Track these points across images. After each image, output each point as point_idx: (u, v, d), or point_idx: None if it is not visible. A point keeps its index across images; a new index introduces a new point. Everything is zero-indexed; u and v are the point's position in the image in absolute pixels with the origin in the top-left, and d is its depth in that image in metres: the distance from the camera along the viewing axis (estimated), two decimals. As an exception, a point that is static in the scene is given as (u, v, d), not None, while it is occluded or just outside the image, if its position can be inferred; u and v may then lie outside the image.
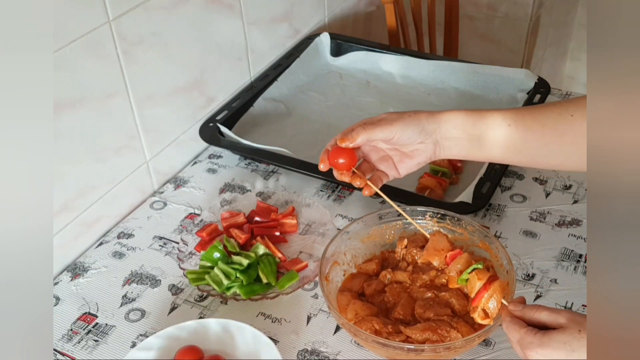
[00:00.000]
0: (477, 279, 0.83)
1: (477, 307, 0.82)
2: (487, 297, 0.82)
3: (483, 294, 0.82)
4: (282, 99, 1.47)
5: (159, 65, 1.19)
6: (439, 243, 0.88)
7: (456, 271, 0.85)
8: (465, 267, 0.85)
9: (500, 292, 0.81)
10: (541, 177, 1.24)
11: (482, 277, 0.83)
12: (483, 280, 0.82)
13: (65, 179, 1.06)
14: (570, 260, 1.07)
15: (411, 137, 0.86)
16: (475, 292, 0.83)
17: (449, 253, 0.87)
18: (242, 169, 1.31)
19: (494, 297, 0.81)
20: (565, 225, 1.13)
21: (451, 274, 0.86)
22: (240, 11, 1.37)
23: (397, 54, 1.57)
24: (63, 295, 1.05)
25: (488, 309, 0.82)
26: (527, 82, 1.43)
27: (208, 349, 0.93)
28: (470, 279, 0.84)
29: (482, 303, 0.82)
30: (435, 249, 0.88)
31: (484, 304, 0.82)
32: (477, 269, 0.84)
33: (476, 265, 0.85)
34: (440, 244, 0.88)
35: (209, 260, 1.04)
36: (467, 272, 0.84)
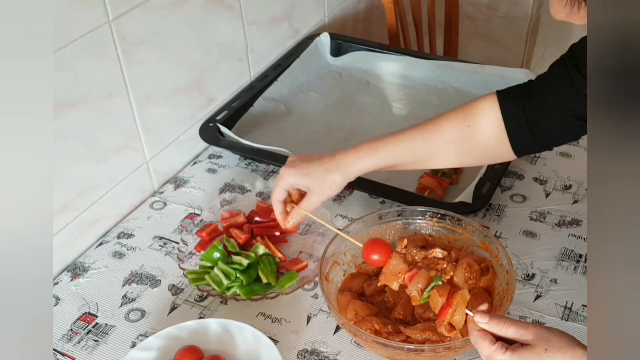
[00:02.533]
0: (438, 296, 0.83)
1: (442, 321, 0.83)
2: (451, 312, 0.82)
3: (447, 309, 0.82)
4: (282, 99, 1.46)
5: (159, 65, 1.19)
6: (395, 267, 0.88)
7: (417, 290, 0.86)
8: (425, 284, 0.85)
9: (463, 304, 0.82)
10: (541, 177, 1.24)
11: (443, 293, 0.83)
12: (444, 295, 0.83)
13: (65, 179, 1.06)
14: (570, 260, 1.07)
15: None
16: (439, 308, 0.83)
17: (407, 274, 0.87)
18: (242, 169, 1.31)
19: (458, 310, 0.81)
20: (565, 225, 1.13)
21: (412, 294, 0.86)
22: (240, 11, 1.37)
23: (397, 54, 1.58)
24: (63, 295, 1.05)
25: (454, 322, 0.82)
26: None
27: (208, 349, 0.93)
28: (432, 296, 0.84)
29: (447, 318, 0.82)
30: (392, 273, 0.88)
31: (449, 318, 0.82)
32: (437, 286, 0.84)
33: (435, 282, 0.85)
34: (396, 268, 0.88)
35: (209, 260, 1.04)
36: (428, 291, 0.85)
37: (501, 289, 0.93)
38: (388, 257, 0.89)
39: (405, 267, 0.88)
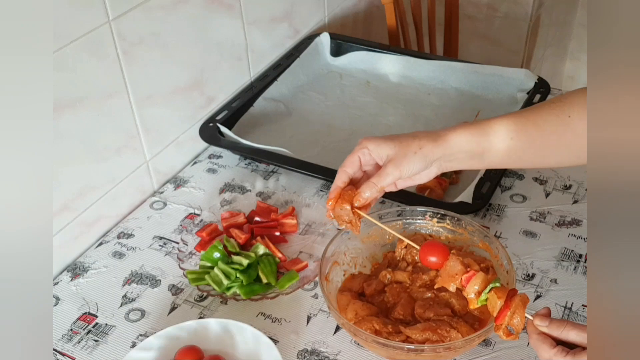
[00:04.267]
0: (497, 298, 0.80)
1: (501, 324, 0.80)
2: (510, 315, 0.79)
3: (505, 312, 0.79)
4: (282, 99, 1.46)
5: (159, 65, 1.19)
6: (452, 268, 0.85)
7: (474, 293, 0.82)
8: (483, 286, 0.82)
9: (522, 306, 0.79)
10: (541, 177, 1.24)
11: (502, 295, 0.80)
12: (503, 298, 0.80)
13: (65, 179, 1.06)
14: (570, 260, 1.07)
15: (417, 170, 0.86)
16: (497, 310, 0.80)
17: (464, 276, 0.84)
18: (242, 169, 1.31)
19: (517, 313, 0.79)
20: (565, 225, 1.13)
21: (470, 297, 0.83)
22: (240, 11, 1.37)
23: (397, 54, 1.57)
24: (63, 295, 1.05)
25: (513, 325, 0.79)
26: (527, 82, 1.43)
27: (208, 349, 0.93)
28: (490, 299, 0.81)
29: (506, 321, 0.79)
30: (449, 275, 0.85)
31: (508, 321, 0.79)
32: (495, 288, 0.81)
33: (493, 283, 0.82)
34: (453, 270, 0.85)
35: (209, 260, 1.04)
36: (486, 292, 0.82)
37: (501, 289, 0.93)
38: (445, 258, 0.86)
39: (462, 268, 0.84)
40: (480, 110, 1.38)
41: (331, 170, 1.20)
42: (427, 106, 1.47)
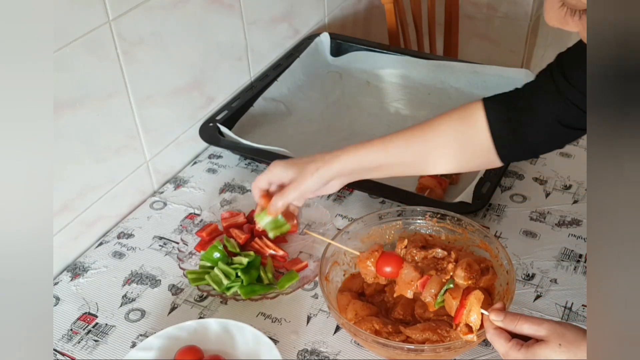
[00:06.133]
0: (452, 299, 0.83)
1: (459, 323, 0.83)
2: (466, 313, 0.82)
3: (462, 310, 0.82)
4: (282, 99, 1.46)
5: (159, 65, 1.19)
6: (407, 276, 0.89)
7: (431, 296, 0.86)
8: (438, 289, 0.86)
9: (477, 304, 0.82)
10: (541, 177, 1.24)
11: (457, 295, 0.83)
12: (458, 297, 0.83)
13: (65, 179, 1.06)
14: (570, 260, 1.07)
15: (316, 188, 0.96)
16: (454, 310, 0.83)
17: (419, 281, 0.88)
18: (242, 169, 1.31)
19: (473, 310, 0.82)
20: (565, 225, 1.13)
21: (427, 300, 0.87)
22: (240, 11, 1.37)
23: (397, 54, 1.58)
24: (63, 295, 1.05)
25: (471, 322, 0.82)
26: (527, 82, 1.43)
27: (208, 349, 0.93)
28: (446, 300, 0.85)
29: (463, 319, 0.82)
30: (405, 282, 0.89)
31: (465, 319, 0.82)
32: (449, 289, 0.85)
33: (447, 285, 0.85)
34: (408, 277, 0.88)
35: (209, 260, 1.04)
36: (441, 295, 0.85)
37: (501, 289, 0.93)
38: (399, 267, 0.90)
39: (417, 274, 0.88)
40: None
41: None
42: (427, 106, 1.47)
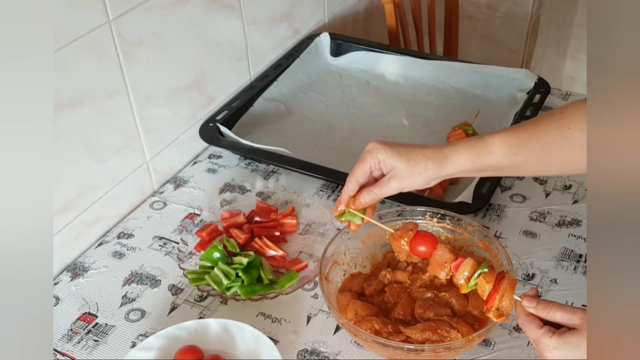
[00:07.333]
0: (485, 282, 0.83)
1: (491, 307, 0.83)
2: (499, 298, 0.82)
3: (494, 295, 0.82)
4: (282, 99, 1.46)
5: (159, 65, 1.19)
6: (441, 257, 0.87)
7: (464, 279, 0.85)
8: (472, 272, 0.85)
9: (510, 289, 0.82)
10: (541, 177, 1.23)
11: (490, 279, 0.83)
12: (491, 282, 0.83)
13: (65, 179, 1.06)
14: (570, 260, 1.07)
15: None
16: (487, 294, 0.83)
17: (453, 263, 0.87)
18: (242, 169, 1.31)
19: (506, 296, 0.82)
20: (565, 225, 1.13)
21: (460, 282, 0.86)
22: (240, 11, 1.37)
23: (397, 54, 1.57)
24: (63, 295, 1.05)
25: (502, 308, 0.82)
26: (527, 82, 1.43)
27: (208, 349, 0.93)
28: (479, 284, 0.84)
29: (495, 304, 0.82)
30: (439, 263, 0.87)
31: (497, 304, 0.82)
32: (483, 273, 0.84)
33: (481, 269, 0.84)
34: (442, 258, 0.87)
35: (209, 260, 1.04)
36: (474, 278, 0.84)
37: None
38: (433, 248, 0.89)
39: (451, 256, 0.87)
40: (480, 110, 1.38)
41: (331, 170, 1.20)
42: (427, 106, 1.47)
